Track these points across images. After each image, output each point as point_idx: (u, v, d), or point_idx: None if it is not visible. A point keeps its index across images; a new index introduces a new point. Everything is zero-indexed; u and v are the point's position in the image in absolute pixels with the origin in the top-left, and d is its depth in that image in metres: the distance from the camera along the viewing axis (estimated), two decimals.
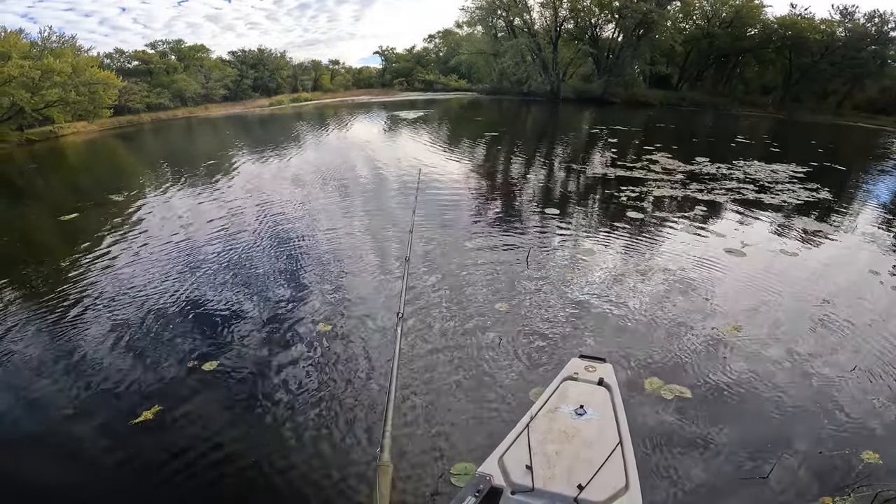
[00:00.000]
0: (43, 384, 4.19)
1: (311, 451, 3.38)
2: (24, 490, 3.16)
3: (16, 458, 3.46)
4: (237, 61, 45.85)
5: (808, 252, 7.10)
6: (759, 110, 33.33)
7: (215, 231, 8.13)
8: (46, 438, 3.63)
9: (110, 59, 36.53)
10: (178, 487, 3.15)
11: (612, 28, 37.78)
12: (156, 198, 10.85)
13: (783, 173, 12.14)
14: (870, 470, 3.13)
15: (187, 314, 5.34)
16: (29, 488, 3.18)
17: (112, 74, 27.80)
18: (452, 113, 31.80)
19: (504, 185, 11.44)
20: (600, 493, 2.09)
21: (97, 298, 5.79)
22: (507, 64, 40.36)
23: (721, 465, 3.20)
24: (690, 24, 38.27)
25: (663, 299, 5.45)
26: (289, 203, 9.73)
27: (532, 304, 5.35)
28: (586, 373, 2.97)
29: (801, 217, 8.66)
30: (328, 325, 4.96)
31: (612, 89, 36.55)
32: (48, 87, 22.77)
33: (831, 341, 4.67)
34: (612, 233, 7.80)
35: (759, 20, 35.51)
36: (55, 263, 7.09)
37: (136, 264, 6.82)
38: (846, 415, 3.65)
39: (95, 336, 4.93)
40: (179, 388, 4.07)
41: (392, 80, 58.59)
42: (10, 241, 8.36)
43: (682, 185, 10.64)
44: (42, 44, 25.34)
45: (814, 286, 5.87)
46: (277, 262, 6.69)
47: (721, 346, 4.52)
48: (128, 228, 8.63)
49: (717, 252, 6.89)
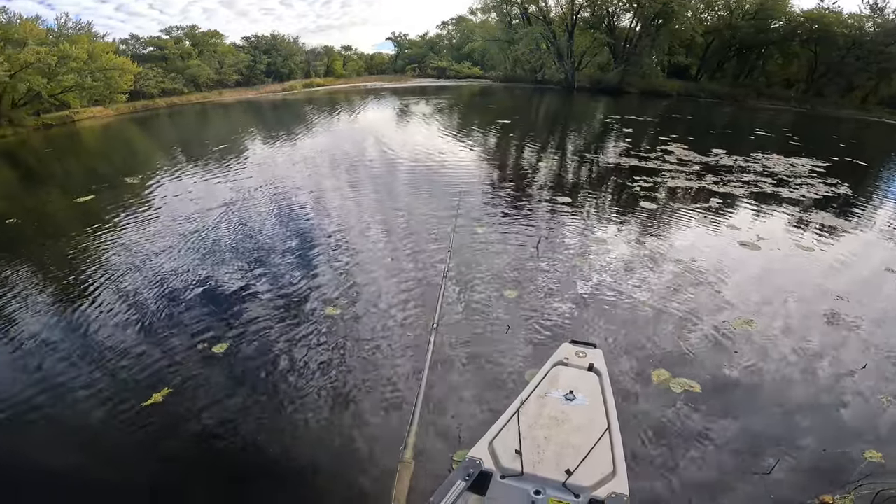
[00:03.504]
0: (56, 365, 4.28)
1: (327, 440, 3.37)
2: (34, 468, 3.24)
3: (27, 437, 3.53)
4: (250, 47, 45.88)
5: (824, 247, 6.94)
6: (780, 103, 32.49)
7: (227, 215, 8.21)
8: (58, 419, 3.68)
9: (126, 45, 36.87)
10: (185, 470, 3.20)
11: (630, 17, 36.93)
12: (169, 181, 10.97)
13: (802, 167, 11.85)
14: (872, 468, 3.11)
15: (198, 296, 5.42)
16: (39, 467, 3.25)
17: (128, 60, 28.06)
18: (465, 100, 31.52)
19: (515, 172, 11.34)
20: (588, 479, 2.10)
21: (110, 280, 5.91)
22: (521, 52, 39.74)
23: (725, 459, 3.19)
24: (712, 15, 37.27)
25: (674, 291, 5.39)
26: (300, 188, 9.78)
27: (540, 291, 5.34)
28: (577, 358, 2.96)
29: (818, 212, 8.47)
30: (337, 309, 5.01)
31: (628, 79, 35.84)
32: (64, 73, 23.06)
33: (842, 338, 4.59)
34: (624, 222, 7.71)
35: (784, 13, 34.52)
36: (70, 245, 7.24)
37: (149, 246, 6.94)
38: (852, 413, 3.61)
39: (108, 317, 5.04)
40: (190, 371, 4.13)
41: (404, 66, 58.19)
42: (27, 223, 8.56)
43: (698, 177, 10.45)
44: (58, 30, 25.59)
45: (828, 282, 5.76)
46: (288, 247, 6.75)
47: (731, 340, 4.47)
48: (142, 211, 8.76)
49: (731, 244, 6.79)
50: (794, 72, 37.61)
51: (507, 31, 41.52)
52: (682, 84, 36.27)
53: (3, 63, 19.37)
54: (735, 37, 35.96)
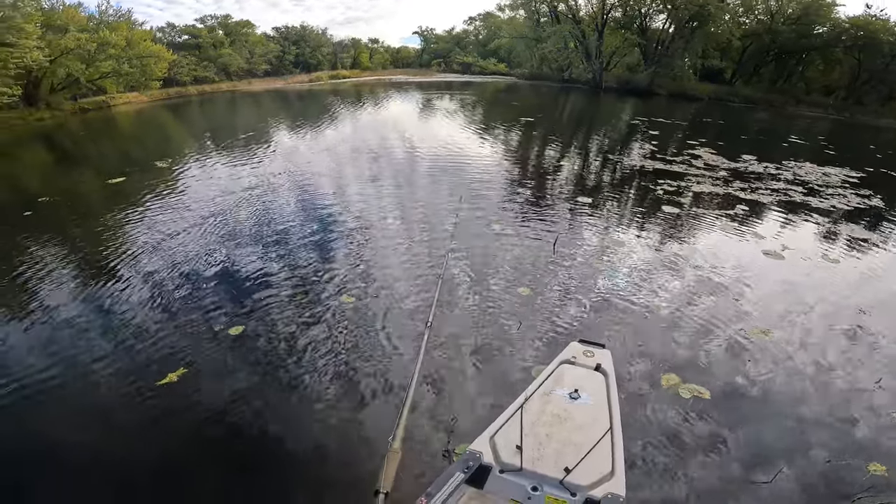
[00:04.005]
0: (76, 340, 4.45)
1: (325, 424, 3.46)
2: (49, 442, 3.35)
3: (42, 409, 3.64)
4: (280, 37, 46.61)
5: (851, 260, 6.71)
6: (818, 110, 31.28)
7: (251, 200, 8.42)
8: (73, 393, 3.80)
9: (162, 33, 37.91)
10: (194, 448, 3.31)
11: (664, 18, 36.01)
12: (198, 165, 11.29)
13: (835, 177, 11.43)
14: (874, 482, 3.07)
15: (217, 278, 5.60)
16: (51, 439, 3.36)
17: (163, 48, 28.85)
18: (489, 96, 31.34)
19: (536, 170, 11.26)
20: (586, 478, 2.11)
21: (134, 259, 6.15)
22: (548, 50, 39.24)
23: (728, 466, 3.16)
24: (752, 19, 36.07)
25: (692, 296, 5.31)
26: (323, 177, 9.94)
27: (555, 290, 5.33)
28: (584, 357, 2.96)
29: (848, 224, 8.18)
30: (351, 298, 5.10)
31: (658, 80, 35.02)
32: (103, 59, 23.86)
33: (860, 353, 4.47)
34: (644, 226, 7.60)
35: (829, 19, 33.23)
36: (99, 224, 7.55)
37: (173, 228, 7.17)
38: (861, 427, 3.54)
39: (130, 295, 5.23)
40: (205, 352, 4.24)
41: (430, 60, 58.22)
42: (60, 202, 8.94)
43: (725, 183, 10.19)
44: (99, 17, 26.42)
45: (852, 295, 5.58)
46: (309, 235, 6.88)
47: (746, 349, 4.39)
48: (169, 193, 9.05)
49: (755, 253, 6.63)
50: (834, 78, 36.15)
51: (535, 28, 41.02)
52: (714, 87, 35.23)
53: (44, 48, 20.12)
54: (775, 41, 34.76)
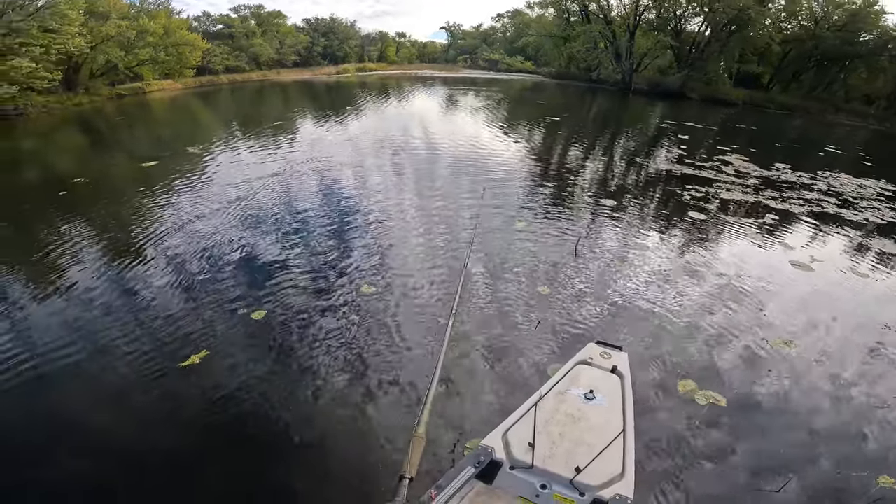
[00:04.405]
0: (101, 319, 4.56)
1: (347, 410, 3.49)
2: (68, 420, 3.42)
3: (69, 389, 3.71)
4: (310, 29, 47.21)
5: (882, 275, 6.47)
6: (858, 119, 30.00)
7: (275, 188, 8.62)
8: (99, 373, 3.85)
9: (198, 22, 38.84)
10: (213, 430, 3.35)
11: (700, 21, 35.01)
12: (227, 152, 11.60)
13: (871, 189, 10.99)
14: (882, 493, 3.02)
15: (242, 262, 5.76)
16: (77, 419, 3.43)
17: (198, 37, 29.60)
18: (514, 94, 31.12)
19: (560, 170, 11.17)
20: (596, 478, 2.11)
21: (162, 241, 6.36)
22: (577, 49, 38.68)
23: (738, 474, 3.13)
24: (794, 24, 34.76)
25: (714, 304, 5.21)
26: (348, 167, 10.07)
27: (575, 291, 5.31)
28: (601, 359, 2.96)
29: (881, 238, 7.86)
30: (372, 287, 5.18)
31: (690, 84, 34.12)
32: (141, 47, 24.62)
33: (881, 368, 4.36)
34: (669, 231, 7.47)
35: (877, 26, 31.78)
36: (131, 206, 7.85)
37: (201, 211, 7.41)
38: (874, 441, 3.47)
39: (156, 277, 5.40)
40: (228, 335, 4.31)
41: (456, 56, 58.12)
42: (94, 184, 9.32)
43: (755, 191, 9.92)
44: (140, 5, 27.22)
45: (879, 311, 5.40)
46: (328, 221, 7.02)
47: (766, 359, 4.30)
48: (198, 178, 9.33)
49: (782, 263, 6.46)
50: (877, 87, 34.59)
51: (564, 27, 40.44)
52: (749, 93, 34.11)
53: (85, 35, 20.86)
54: (817, 47, 33.39)
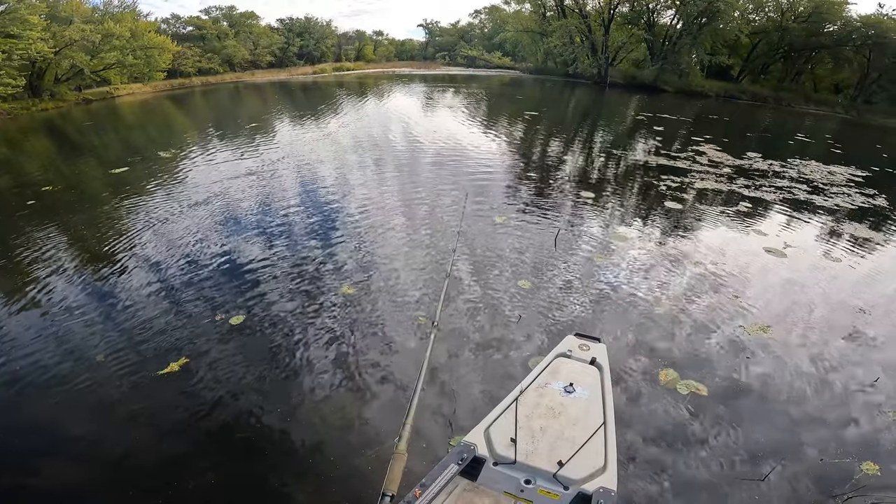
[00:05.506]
0: (78, 329, 4.46)
1: (327, 419, 3.43)
2: (49, 430, 3.35)
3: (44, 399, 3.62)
4: (285, 29, 46.45)
5: (854, 259, 6.67)
6: (825, 109, 30.99)
7: (252, 190, 8.44)
8: (76, 382, 3.78)
9: (167, 25, 37.86)
10: (194, 439, 3.28)
11: (672, 14, 35.60)
12: (200, 156, 11.31)
13: (841, 175, 11.34)
14: (867, 480, 3.07)
15: (219, 267, 5.62)
16: (53, 428, 3.37)
17: (168, 39, 28.85)
18: (493, 90, 31.18)
19: (539, 164, 11.21)
20: (579, 472, 2.11)
21: (135, 249, 6.18)
22: (553, 44, 38.96)
23: (721, 463, 3.17)
24: (761, 16, 35.66)
25: (691, 293, 5.30)
26: (324, 167, 9.92)
27: (555, 284, 5.33)
28: (580, 351, 2.96)
29: (852, 223, 8.12)
30: (351, 289, 5.11)
31: (664, 77, 34.71)
32: (107, 51, 23.86)
33: (859, 352, 4.46)
34: (646, 221, 7.57)
35: (840, 17, 32.78)
36: (101, 214, 7.59)
37: (174, 217, 7.21)
38: (856, 426, 3.54)
39: (131, 284, 5.26)
40: (206, 342, 4.24)
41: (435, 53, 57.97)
42: (64, 191, 8.99)
43: (728, 180, 10.13)
44: (104, 8, 26.38)
45: (853, 295, 5.56)
46: (306, 224, 6.90)
47: (745, 346, 4.38)
48: (171, 183, 9.08)
49: (756, 250, 6.60)
50: (844, 77, 35.80)
51: (541, 22, 40.72)
52: (722, 85, 34.90)
53: (48, 40, 20.12)
54: (784, 39, 34.32)
